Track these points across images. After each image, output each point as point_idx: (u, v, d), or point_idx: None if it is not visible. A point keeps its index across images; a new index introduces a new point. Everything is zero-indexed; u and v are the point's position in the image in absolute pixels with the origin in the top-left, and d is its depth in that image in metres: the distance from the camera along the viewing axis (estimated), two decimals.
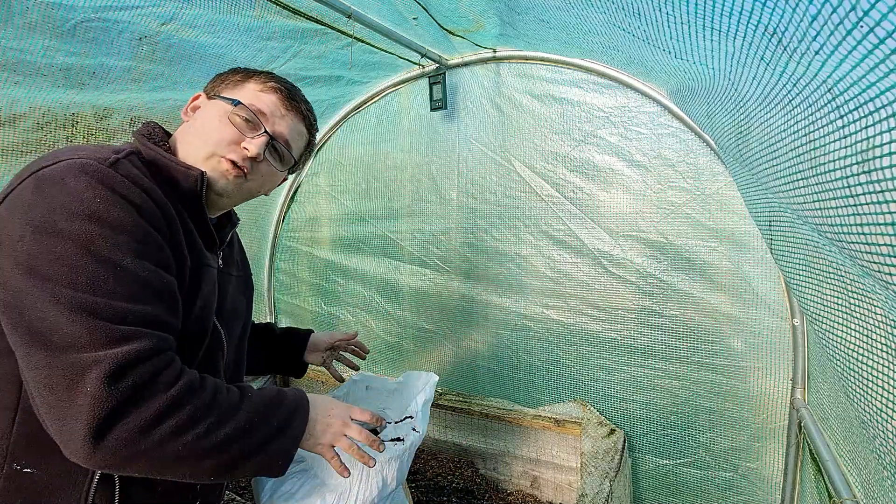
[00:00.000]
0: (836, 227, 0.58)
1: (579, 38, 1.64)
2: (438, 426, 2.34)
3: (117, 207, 0.68)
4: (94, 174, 0.67)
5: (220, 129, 0.87)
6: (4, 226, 0.64)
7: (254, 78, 0.94)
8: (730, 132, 1.12)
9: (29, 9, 1.12)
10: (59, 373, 0.61)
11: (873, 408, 0.75)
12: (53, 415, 0.62)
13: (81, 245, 0.64)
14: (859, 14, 0.44)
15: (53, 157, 0.69)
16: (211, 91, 0.94)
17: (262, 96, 0.92)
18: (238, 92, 0.92)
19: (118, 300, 0.66)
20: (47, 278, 0.62)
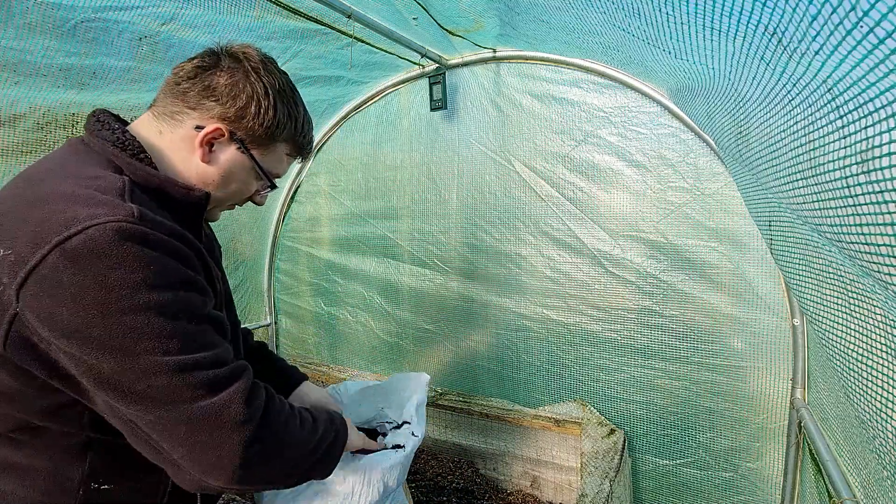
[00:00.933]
0: (835, 227, 0.58)
1: (579, 38, 1.64)
2: (438, 426, 2.34)
3: (165, 267, 0.67)
4: (132, 238, 0.63)
5: (243, 192, 0.90)
6: (53, 310, 0.60)
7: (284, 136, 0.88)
8: (730, 132, 1.12)
9: (29, 9, 1.12)
10: (199, 420, 0.66)
11: (873, 407, 0.75)
12: (199, 457, 0.67)
13: (155, 313, 0.64)
14: (859, 14, 0.44)
15: (68, 220, 0.61)
16: (235, 130, 0.82)
17: (285, 163, 0.92)
18: (267, 153, 0.87)
19: (210, 349, 0.70)
20: (140, 353, 0.63)
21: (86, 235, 0.60)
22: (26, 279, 0.60)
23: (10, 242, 0.61)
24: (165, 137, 0.81)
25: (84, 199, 0.64)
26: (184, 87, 0.80)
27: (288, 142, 0.89)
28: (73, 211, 0.62)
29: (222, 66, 0.81)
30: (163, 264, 0.66)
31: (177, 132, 0.81)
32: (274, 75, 0.86)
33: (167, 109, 0.82)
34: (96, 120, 0.79)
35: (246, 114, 0.81)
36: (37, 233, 0.61)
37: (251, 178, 0.88)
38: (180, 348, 0.66)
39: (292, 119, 0.88)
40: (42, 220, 0.61)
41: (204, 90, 0.80)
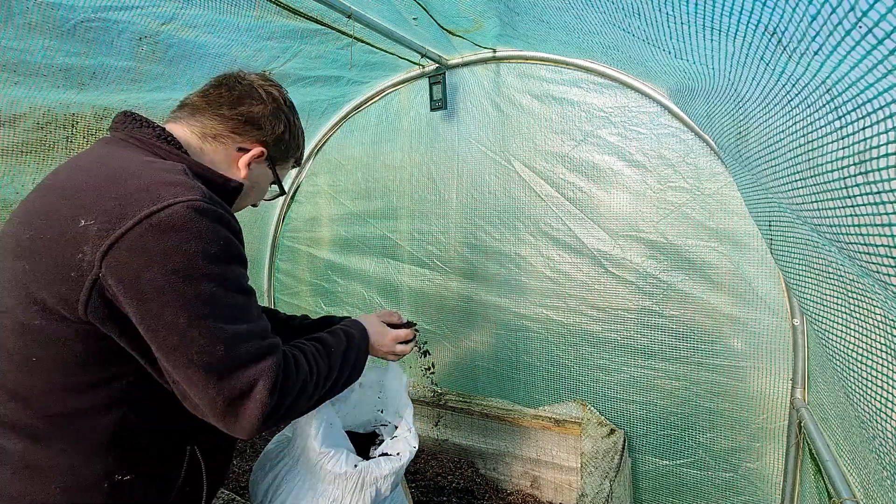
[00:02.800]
0: (834, 227, 0.58)
1: (579, 38, 1.64)
2: (438, 426, 2.34)
3: (231, 243, 0.76)
4: (209, 216, 0.72)
5: (256, 196, 1.06)
6: (138, 273, 0.67)
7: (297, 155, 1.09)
8: (729, 132, 1.12)
9: (29, 9, 1.12)
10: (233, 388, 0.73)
11: (872, 407, 0.75)
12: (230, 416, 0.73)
13: (223, 283, 0.73)
14: (858, 14, 0.44)
15: (154, 198, 0.70)
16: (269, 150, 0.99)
17: (290, 170, 1.14)
18: (282, 166, 1.06)
19: (258, 320, 0.79)
20: (210, 317, 0.71)
21: (171, 211, 0.69)
22: (112, 246, 0.67)
23: (93, 214, 0.69)
24: (207, 154, 0.94)
25: (162, 180, 0.73)
26: (224, 113, 0.94)
27: (295, 158, 1.10)
28: (157, 189, 0.71)
29: (256, 97, 0.97)
30: (227, 240, 0.75)
31: (219, 151, 0.95)
32: (290, 103, 1.04)
33: (210, 131, 0.94)
34: (132, 118, 0.87)
35: (281, 140, 1.00)
36: (123, 206, 0.69)
37: (267, 187, 1.06)
38: (235, 317, 0.74)
39: (303, 139, 1.10)
40: (126, 194, 0.70)
41: (248, 119, 0.95)
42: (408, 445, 1.15)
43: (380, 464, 1.05)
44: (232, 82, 0.97)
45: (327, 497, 1.01)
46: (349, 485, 1.01)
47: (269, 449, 1.25)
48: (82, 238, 0.68)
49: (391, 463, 1.06)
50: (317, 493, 1.02)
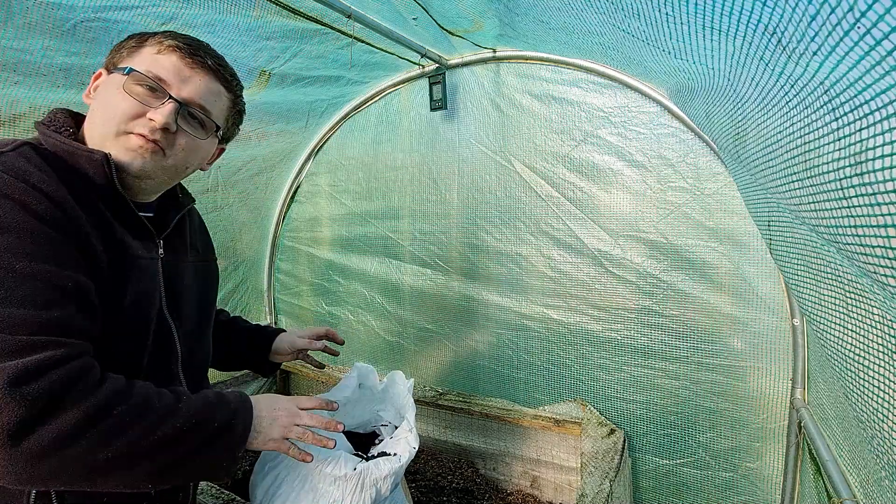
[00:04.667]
0: (831, 227, 0.58)
1: (579, 39, 1.64)
2: (438, 426, 2.34)
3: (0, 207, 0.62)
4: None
5: (120, 102, 0.79)
6: None
7: (149, 40, 0.84)
8: (728, 132, 1.12)
9: (29, 9, 1.12)
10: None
11: (870, 407, 0.75)
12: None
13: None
14: (856, 15, 0.44)
15: None
16: (109, 64, 0.84)
17: (159, 59, 0.82)
18: (134, 59, 0.82)
19: (14, 307, 0.61)
20: None
21: None
22: None
23: None
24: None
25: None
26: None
27: (149, 45, 0.89)
28: None
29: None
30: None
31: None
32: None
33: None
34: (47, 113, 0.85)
35: (113, 52, 0.89)
36: None
37: (118, 84, 0.87)
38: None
39: (146, 34, 0.91)
40: None
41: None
42: (408, 446, 1.15)
43: (379, 465, 1.05)
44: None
45: (328, 498, 1.01)
46: (349, 486, 1.01)
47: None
48: None
49: (390, 464, 1.06)
50: (317, 494, 1.02)
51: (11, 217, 0.63)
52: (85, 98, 0.86)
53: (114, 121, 0.79)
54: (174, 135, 0.83)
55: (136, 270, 0.81)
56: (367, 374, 1.43)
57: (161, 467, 0.70)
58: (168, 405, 0.73)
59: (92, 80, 0.86)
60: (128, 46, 0.84)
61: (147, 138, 0.80)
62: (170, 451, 0.71)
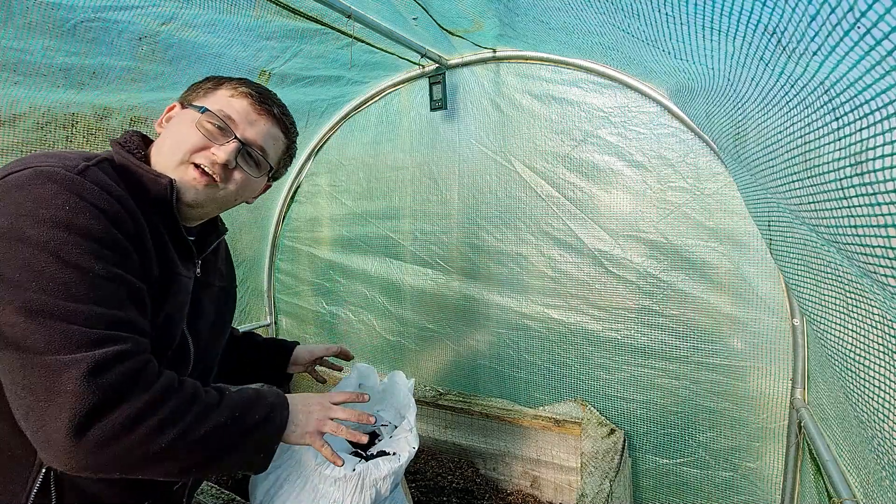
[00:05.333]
0: (831, 227, 0.58)
1: (579, 39, 1.64)
2: (438, 426, 2.34)
3: (85, 214, 0.67)
4: (60, 181, 0.67)
5: (190, 136, 0.87)
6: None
7: (225, 84, 0.93)
8: (728, 132, 1.12)
9: (29, 9, 1.12)
10: (36, 374, 0.61)
11: (870, 407, 0.75)
12: (33, 417, 0.62)
13: (49, 251, 0.64)
14: (856, 15, 0.44)
15: (21, 163, 0.68)
16: (184, 100, 0.94)
17: (232, 102, 0.91)
18: (208, 99, 0.91)
19: (90, 304, 0.66)
20: (16, 284, 0.62)
21: (24, 172, 0.67)
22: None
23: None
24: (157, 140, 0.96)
25: (46, 155, 0.71)
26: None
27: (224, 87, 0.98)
28: (32, 159, 0.69)
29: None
30: (80, 212, 0.67)
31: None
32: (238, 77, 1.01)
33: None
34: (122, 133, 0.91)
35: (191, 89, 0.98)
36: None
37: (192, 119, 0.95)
38: (57, 291, 0.63)
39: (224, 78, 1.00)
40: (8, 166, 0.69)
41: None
42: (407, 445, 1.15)
43: (379, 465, 1.05)
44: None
45: (328, 499, 1.01)
46: (349, 487, 1.01)
47: None
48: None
49: (390, 464, 1.06)
50: (317, 495, 1.02)
51: (96, 224, 0.69)
52: (157, 127, 0.93)
53: (180, 151, 0.86)
54: (231, 170, 0.91)
55: (176, 286, 0.88)
56: (367, 375, 1.42)
57: (205, 457, 0.75)
58: (213, 399, 0.79)
59: (165, 111, 0.94)
60: (204, 87, 0.93)
61: (205, 171, 0.87)
62: (214, 442, 0.75)
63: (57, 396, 0.61)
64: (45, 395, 0.61)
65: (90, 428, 0.63)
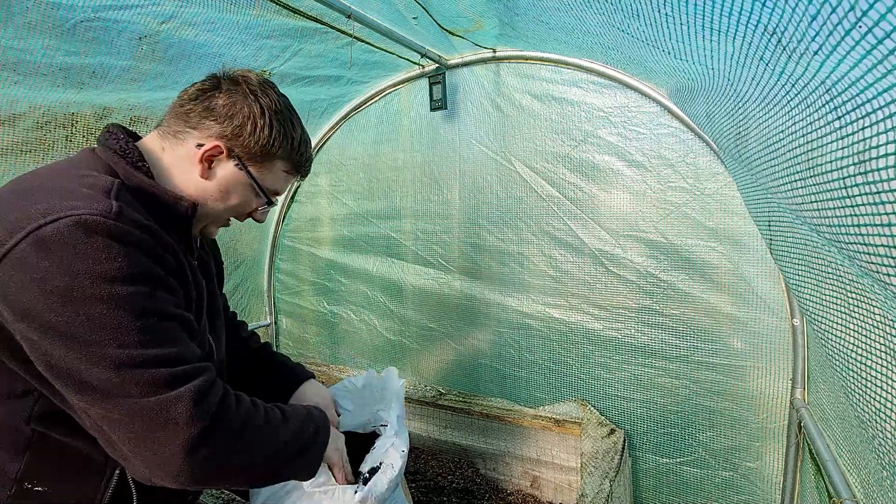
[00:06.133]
0: (833, 227, 0.58)
1: (578, 39, 1.64)
2: (438, 426, 2.34)
3: (135, 262, 0.69)
4: (105, 232, 0.65)
5: (241, 206, 0.92)
6: (18, 294, 0.62)
7: (280, 154, 0.90)
8: (729, 132, 1.12)
9: (29, 8, 1.12)
10: (143, 414, 0.66)
11: (872, 407, 0.75)
12: (146, 451, 0.67)
13: (116, 305, 0.65)
14: (858, 14, 0.44)
15: (47, 210, 0.64)
16: (233, 148, 0.86)
17: (288, 178, 0.96)
18: (264, 168, 0.90)
19: (167, 347, 0.70)
20: (95, 343, 0.64)
21: (59, 224, 0.63)
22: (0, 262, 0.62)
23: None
24: (168, 154, 0.86)
25: (66, 193, 0.67)
26: (186, 108, 0.86)
27: (285, 160, 0.93)
28: (53, 202, 0.65)
29: (222, 89, 0.87)
30: (131, 259, 0.68)
31: (178, 150, 0.86)
32: (271, 97, 0.89)
33: (171, 129, 0.87)
34: (107, 132, 0.84)
35: (242, 132, 0.85)
36: (17, 220, 0.64)
37: (250, 195, 0.92)
38: (136, 342, 0.67)
39: (288, 138, 0.91)
40: (24, 208, 0.65)
41: (204, 110, 0.85)
42: (396, 452, 1.12)
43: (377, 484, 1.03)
44: (207, 76, 0.89)
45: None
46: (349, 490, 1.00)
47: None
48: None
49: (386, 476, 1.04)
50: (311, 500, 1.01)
51: (147, 269, 0.71)
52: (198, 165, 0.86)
53: (226, 213, 0.92)
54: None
55: (202, 300, 0.91)
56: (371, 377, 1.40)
57: (272, 469, 0.82)
58: (279, 418, 0.85)
59: (206, 149, 0.84)
60: (260, 146, 0.87)
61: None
62: (282, 456, 0.82)
63: (169, 426, 0.67)
64: (157, 428, 0.67)
65: (200, 448, 0.69)
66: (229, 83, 0.87)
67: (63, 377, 0.64)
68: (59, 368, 0.64)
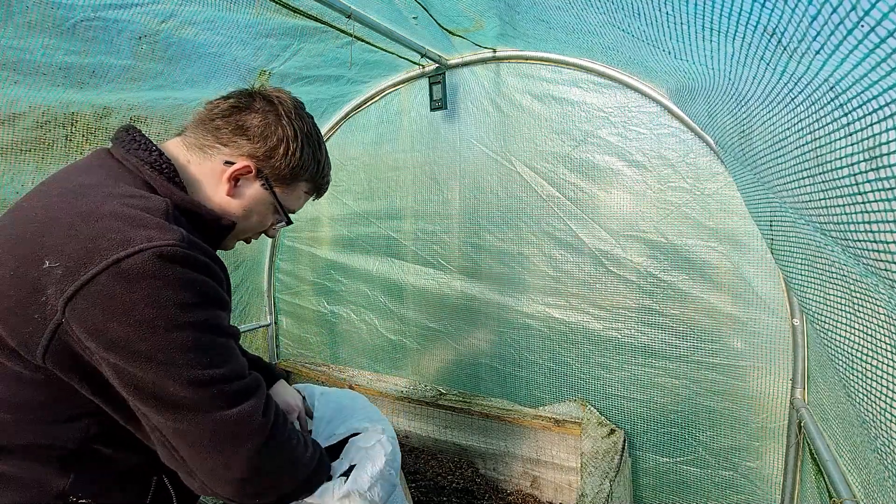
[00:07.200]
0: (841, 224, 0.58)
1: (579, 38, 1.64)
2: (438, 426, 2.34)
3: (208, 288, 0.72)
4: (181, 262, 0.68)
5: (260, 224, 0.95)
6: (103, 325, 0.63)
7: (306, 177, 0.94)
8: (732, 131, 1.12)
9: (29, 8, 1.12)
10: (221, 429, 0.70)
11: (876, 407, 0.74)
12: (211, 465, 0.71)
13: (196, 329, 0.69)
14: (860, 13, 0.44)
15: (123, 240, 0.65)
16: (262, 168, 0.87)
17: (306, 198, 0.99)
18: (288, 189, 0.92)
19: (234, 362, 0.74)
20: (181, 365, 0.67)
21: (142, 257, 0.64)
22: (76, 293, 0.63)
23: (58, 256, 0.64)
24: (193, 167, 0.86)
25: (136, 221, 0.68)
26: (217, 124, 0.85)
27: (309, 181, 0.96)
28: (126, 231, 0.66)
29: (256, 108, 0.86)
30: (204, 285, 0.71)
31: (205, 165, 0.86)
32: (304, 120, 0.91)
33: (198, 142, 0.86)
34: (131, 138, 0.82)
35: (275, 154, 0.87)
36: (89, 249, 0.64)
37: (269, 213, 0.94)
38: (214, 362, 0.71)
39: (316, 161, 0.94)
40: (94, 236, 0.65)
41: (237, 129, 0.85)
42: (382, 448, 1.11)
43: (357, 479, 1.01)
44: (239, 92, 0.90)
45: None
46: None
47: None
48: (46, 280, 0.63)
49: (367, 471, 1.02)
50: None
51: (216, 295, 0.74)
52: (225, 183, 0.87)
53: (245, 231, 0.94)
54: None
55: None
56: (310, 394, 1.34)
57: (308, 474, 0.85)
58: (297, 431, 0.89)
59: (236, 168, 0.85)
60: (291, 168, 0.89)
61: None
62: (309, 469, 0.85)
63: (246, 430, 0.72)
64: (229, 440, 0.71)
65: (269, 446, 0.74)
66: (264, 102, 0.87)
67: (149, 397, 0.67)
68: (145, 391, 0.67)
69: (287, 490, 0.81)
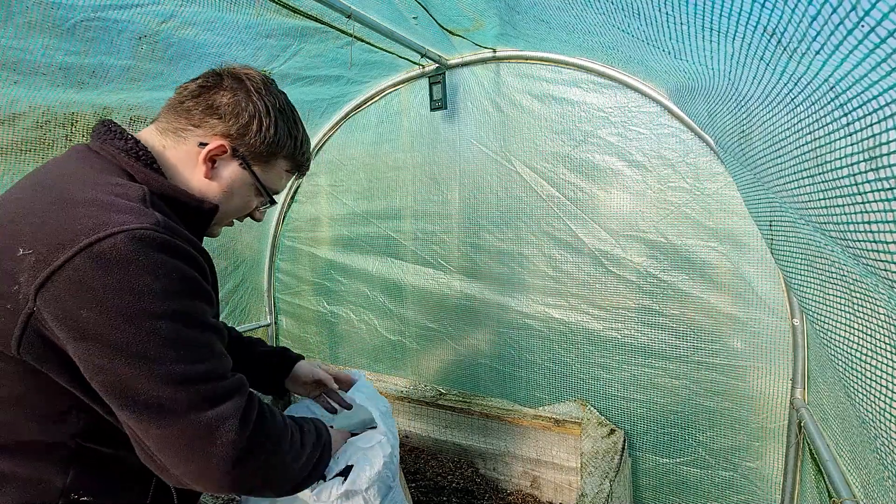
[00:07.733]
0: (841, 224, 0.58)
1: (579, 38, 1.64)
2: (438, 426, 2.34)
3: (187, 276, 0.69)
4: (157, 246, 0.64)
5: (243, 206, 0.92)
6: (75, 311, 0.60)
7: (284, 153, 0.91)
8: (731, 131, 1.12)
9: (29, 8, 1.12)
10: (197, 431, 0.67)
11: (876, 407, 0.75)
12: (189, 466, 0.68)
13: (175, 321, 0.66)
14: (860, 14, 0.44)
15: (97, 224, 0.62)
16: (238, 147, 0.85)
17: (289, 176, 0.96)
18: (266, 166, 0.90)
19: (217, 361, 0.72)
20: (156, 359, 0.64)
21: (115, 240, 0.61)
22: (48, 279, 0.60)
23: (31, 243, 0.61)
24: (169, 152, 0.83)
25: (110, 205, 0.65)
26: (187, 106, 0.83)
27: (287, 159, 0.93)
28: (101, 216, 0.63)
29: (225, 86, 0.84)
30: (183, 273, 0.68)
31: (180, 148, 0.83)
32: (275, 95, 0.89)
33: (171, 126, 0.84)
34: (106, 129, 0.80)
35: (248, 131, 0.84)
36: (62, 235, 0.61)
37: (252, 194, 0.92)
38: (191, 358, 0.67)
39: (292, 137, 0.91)
40: (66, 222, 0.62)
41: (207, 108, 0.83)
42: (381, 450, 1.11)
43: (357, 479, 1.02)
44: (207, 72, 0.87)
45: None
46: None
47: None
48: (19, 268, 0.60)
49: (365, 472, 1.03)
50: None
51: (197, 286, 0.71)
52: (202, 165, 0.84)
53: (229, 214, 0.92)
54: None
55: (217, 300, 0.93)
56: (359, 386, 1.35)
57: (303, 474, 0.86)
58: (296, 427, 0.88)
59: (209, 149, 0.82)
60: (267, 144, 0.87)
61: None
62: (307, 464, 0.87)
63: (220, 438, 0.68)
64: (207, 442, 0.67)
65: (247, 457, 0.71)
66: (232, 80, 0.85)
67: (118, 393, 0.64)
68: (115, 385, 0.63)
69: (272, 485, 0.79)
